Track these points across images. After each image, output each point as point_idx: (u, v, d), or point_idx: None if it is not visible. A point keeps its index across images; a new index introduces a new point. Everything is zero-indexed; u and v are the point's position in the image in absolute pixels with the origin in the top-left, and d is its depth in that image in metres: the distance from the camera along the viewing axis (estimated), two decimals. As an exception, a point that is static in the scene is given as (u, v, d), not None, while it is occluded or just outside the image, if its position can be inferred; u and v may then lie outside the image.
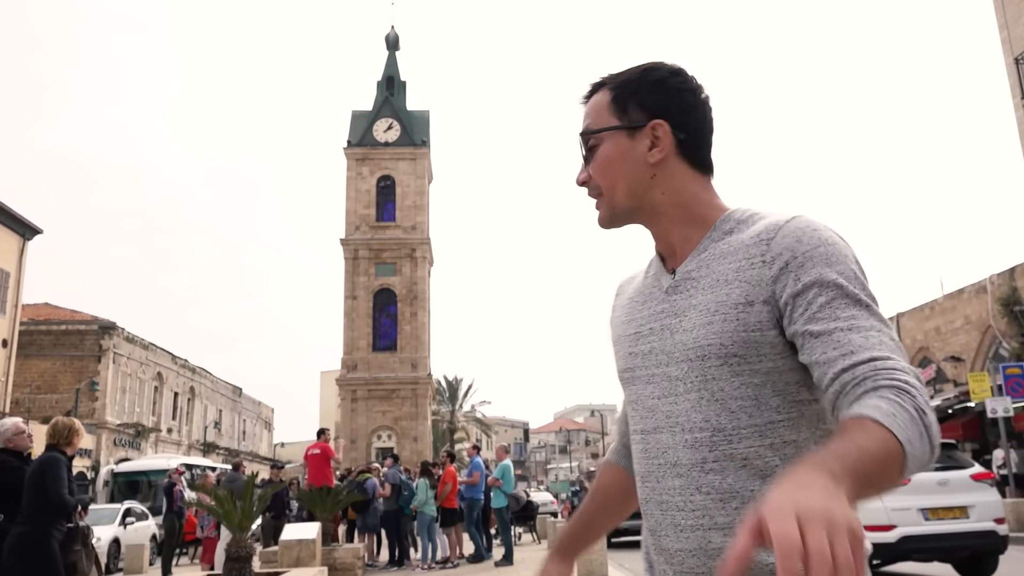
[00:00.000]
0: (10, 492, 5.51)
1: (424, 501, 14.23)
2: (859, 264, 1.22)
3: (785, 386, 1.22)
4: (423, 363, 50.16)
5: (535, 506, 21.91)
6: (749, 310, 1.22)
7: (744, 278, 1.24)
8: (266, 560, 11.88)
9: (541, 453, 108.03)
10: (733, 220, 1.33)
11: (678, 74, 1.38)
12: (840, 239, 1.23)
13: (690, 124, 1.36)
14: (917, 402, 1.03)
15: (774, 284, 1.21)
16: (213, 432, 52.72)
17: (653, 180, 1.36)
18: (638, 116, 1.36)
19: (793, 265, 1.20)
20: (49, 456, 5.41)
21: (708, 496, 1.23)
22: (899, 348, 1.13)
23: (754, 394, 1.22)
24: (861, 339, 1.12)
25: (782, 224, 1.24)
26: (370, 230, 51.32)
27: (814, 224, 1.24)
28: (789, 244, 1.21)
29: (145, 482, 27.68)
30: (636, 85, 1.37)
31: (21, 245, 31.58)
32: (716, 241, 1.31)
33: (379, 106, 53.74)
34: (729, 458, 1.22)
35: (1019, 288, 22.43)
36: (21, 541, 5.20)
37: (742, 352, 1.22)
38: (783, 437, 1.21)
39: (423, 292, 51.07)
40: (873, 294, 1.20)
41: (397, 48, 56.60)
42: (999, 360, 22.43)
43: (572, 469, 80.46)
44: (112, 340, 39.60)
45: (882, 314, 1.19)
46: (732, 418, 1.22)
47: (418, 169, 52.72)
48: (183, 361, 49.08)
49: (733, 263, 1.26)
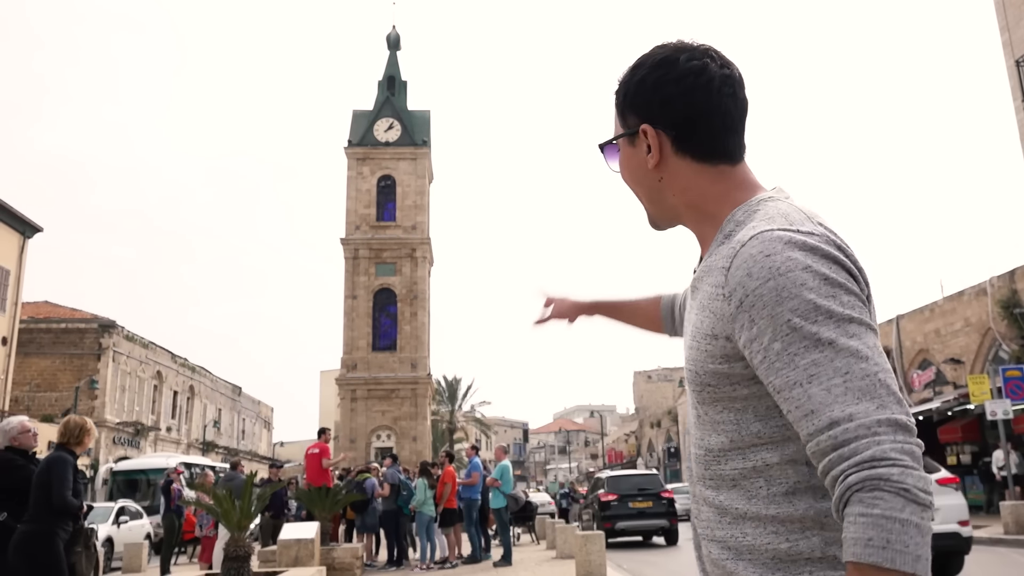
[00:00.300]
0: (14, 491, 5.54)
1: (423, 501, 14.22)
2: (824, 283, 1.09)
3: (766, 410, 1.18)
4: (423, 363, 50.15)
5: (534, 506, 21.84)
6: (714, 343, 1.18)
7: (712, 308, 1.19)
8: (264, 559, 11.87)
9: (540, 453, 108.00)
10: (733, 221, 1.25)
11: (661, 65, 1.28)
12: (798, 260, 1.10)
13: (678, 117, 1.27)
14: (894, 484, 0.99)
15: (733, 323, 1.14)
16: (212, 431, 52.70)
17: (661, 183, 1.31)
18: (634, 121, 1.31)
19: (746, 304, 1.12)
20: (57, 456, 5.42)
21: (710, 509, 1.24)
22: (874, 379, 1.05)
23: (735, 418, 1.20)
24: (822, 393, 1.05)
25: (738, 250, 1.15)
26: (370, 230, 51.31)
27: (769, 247, 1.12)
28: (740, 279, 1.13)
29: (144, 481, 27.68)
30: (627, 87, 1.32)
31: (21, 243, 31.57)
32: (718, 245, 1.25)
33: (380, 106, 53.74)
34: (720, 477, 1.22)
35: (1019, 290, 22.41)
36: (26, 540, 5.23)
37: (713, 382, 1.20)
38: (765, 460, 1.17)
39: (423, 292, 51.06)
40: (845, 312, 1.08)
41: (398, 48, 56.61)
42: (999, 362, 22.41)
43: (571, 470, 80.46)
44: (112, 339, 39.59)
45: (858, 336, 1.08)
46: (718, 440, 1.22)
47: (419, 169, 52.72)
48: (183, 360, 49.07)
49: (710, 286, 1.21)
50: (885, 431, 1.02)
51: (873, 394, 1.04)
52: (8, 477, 5.58)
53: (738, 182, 1.29)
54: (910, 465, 1.00)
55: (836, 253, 1.13)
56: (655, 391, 71.14)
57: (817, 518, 1.14)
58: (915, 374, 27.18)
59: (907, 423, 1.04)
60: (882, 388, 1.05)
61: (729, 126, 1.28)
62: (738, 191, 1.28)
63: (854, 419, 1.03)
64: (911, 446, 1.02)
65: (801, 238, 1.12)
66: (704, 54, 1.28)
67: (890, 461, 1.00)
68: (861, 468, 1.01)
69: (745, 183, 1.29)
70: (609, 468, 63.52)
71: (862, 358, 1.06)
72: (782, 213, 1.19)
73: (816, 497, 1.14)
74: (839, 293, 1.09)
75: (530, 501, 18.17)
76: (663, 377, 71.30)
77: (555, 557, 14.72)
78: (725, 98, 1.27)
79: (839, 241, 1.16)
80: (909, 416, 1.06)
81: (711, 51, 1.30)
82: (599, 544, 11.26)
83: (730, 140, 1.29)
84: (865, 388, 1.05)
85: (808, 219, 1.18)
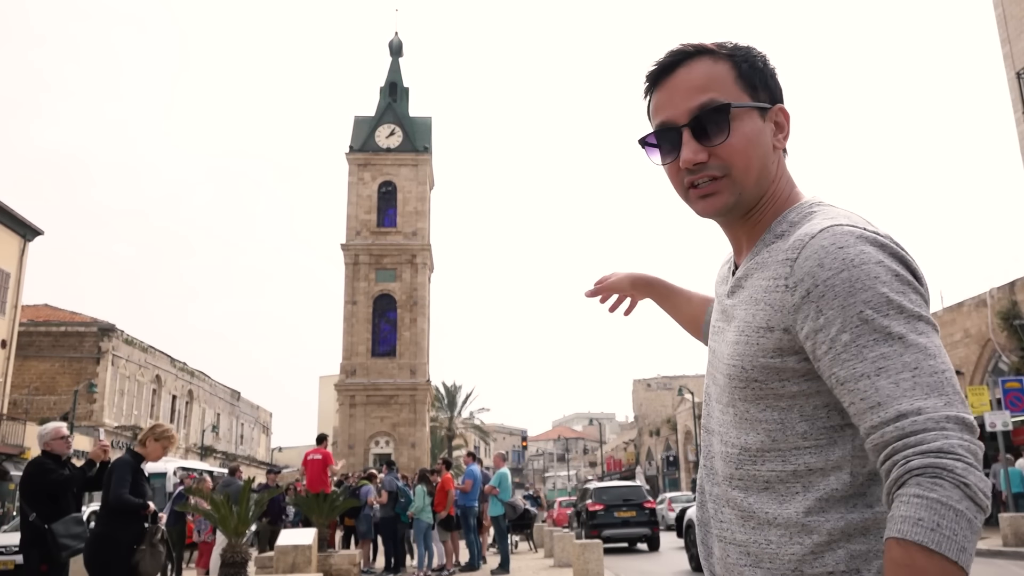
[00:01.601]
0: (47, 494, 5.96)
1: (421, 508, 14.19)
2: (896, 279, 1.09)
3: (813, 410, 1.16)
4: (422, 369, 50.12)
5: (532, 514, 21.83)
6: (769, 335, 1.16)
7: (769, 300, 1.17)
8: (262, 566, 11.84)
9: (539, 461, 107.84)
10: (787, 222, 1.24)
11: (761, 57, 1.31)
12: (871, 254, 1.10)
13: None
14: (956, 476, 0.98)
15: (796, 313, 1.12)
16: (211, 436, 52.64)
17: (777, 168, 1.29)
18: (766, 96, 1.28)
19: (815, 294, 1.10)
20: (118, 459, 5.69)
21: (733, 511, 1.22)
22: (941, 377, 1.05)
23: (780, 418, 1.17)
24: (890, 386, 1.04)
25: (807, 241, 1.14)
26: (371, 235, 51.36)
27: (841, 240, 1.11)
28: (810, 269, 1.11)
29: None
30: (764, 64, 1.30)
31: (22, 246, 31.59)
32: (767, 244, 1.24)
33: (382, 112, 53.86)
34: (752, 479, 1.19)
35: (1019, 302, 22.41)
36: (91, 542, 5.52)
37: (761, 377, 1.17)
38: (808, 464, 1.15)
39: (423, 298, 51.07)
40: (915, 310, 1.08)
41: (400, 54, 56.76)
42: (998, 374, 22.40)
43: (570, 477, 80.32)
44: (111, 342, 39.59)
45: (926, 334, 1.08)
46: (758, 439, 1.19)
47: (419, 175, 52.80)
48: (182, 364, 49.06)
49: (764, 279, 1.19)
50: (953, 427, 1.01)
51: (941, 391, 1.04)
52: (40, 481, 5.97)
53: (792, 182, 1.32)
54: (974, 464, 1.00)
55: (904, 253, 1.13)
56: (654, 399, 71.04)
57: (847, 530, 1.12)
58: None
59: (973, 424, 1.03)
60: (949, 387, 1.04)
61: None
62: (796, 188, 1.31)
63: (923, 413, 1.02)
64: (976, 447, 1.01)
65: (872, 234, 1.13)
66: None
67: (956, 456, 0.99)
68: (927, 455, 0.99)
69: (794, 184, 1.32)
70: (608, 476, 63.71)
71: (931, 355, 1.06)
72: (845, 214, 1.19)
73: (848, 507, 1.13)
74: (908, 291, 1.09)
75: (528, 509, 18.19)
76: (662, 385, 71.22)
77: (553, 566, 14.68)
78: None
79: (902, 245, 1.16)
80: (973, 418, 1.05)
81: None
82: (597, 553, 11.24)
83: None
84: (933, 384, 1.04)
85: (868, 223, 1.18)
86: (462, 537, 14.74)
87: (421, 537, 14.35)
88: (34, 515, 5.88)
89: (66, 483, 6.03)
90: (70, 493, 6.08)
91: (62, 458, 6.19)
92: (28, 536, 5.90)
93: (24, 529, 5.98)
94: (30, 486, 6.01)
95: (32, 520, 5.87)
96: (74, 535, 5.96)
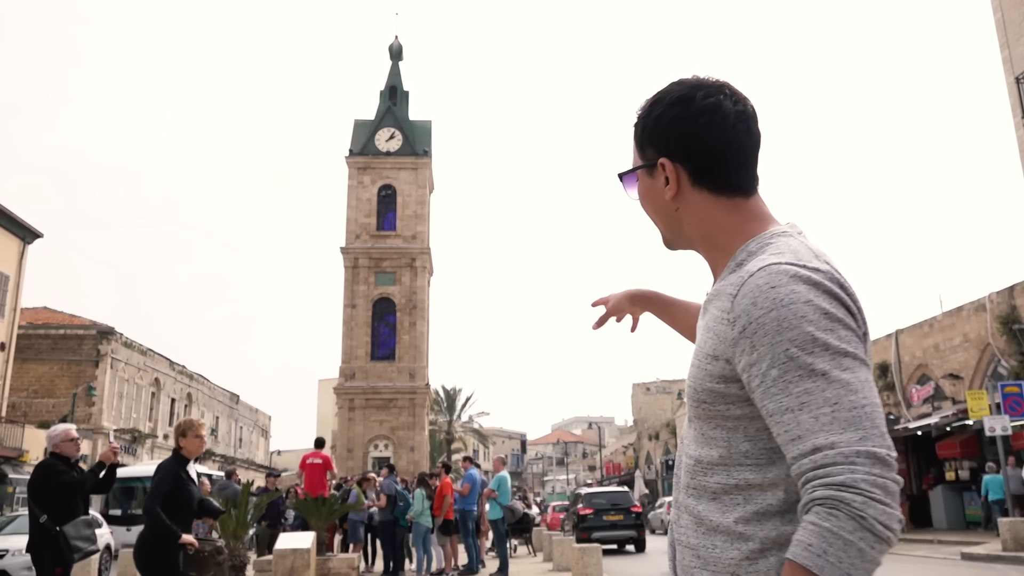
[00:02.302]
0: (56, 495, 5.87)
1: (420, 512, 14.18)
2: (824, 317, 1.15)
3: (756, 432, 1.24)
4: (421, 373, 50.10)
5: (531, 518, 21.88)
6: (715, 363, 1.25)
7: (716, 330, 1.25)
8: (260, 569, 11.83)
9: (538, 465, 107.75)
10: (746, 251, 1.31)
11: (678, 103, 1.34)
12: (800, 293, 1.16)
13: (696, 153, 1.33)
14: (853, 509, 1.06)
15: (735, 347, 1.21)
16: (210, 439, 52.56)
17: (678, 213, 1.38)
18: (651, 154, 1.38)
19: (748, 331, 1.18)
20: (161, 464, 5.50)
21: (689, 517, 1.32)
22: (861, 411, 1.11)
23: (727, 436, 1.27)
24: (810, 420, 1.11)
25: (746, 279, 1.21)
26: (370, 239, 51.36)
27: (775, 279, 1.18)
28: (745, 307, 1.19)
29: (141, 488, 27.52)
30: (645, 121, 1.39)
31: (21, 249, 31.58)
32: (729, 272, 1.31)
33: (381, 115, 53.89)
34: (703, 488, 1.29)
35: (1018, 306, 22.42)
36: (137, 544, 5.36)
37: (709, 400, 1.27)
38: (748, 480, 1.24)
39: (422, 302, 51.06)
40: (840, 346, 1.14)
41: (400, 58, 56.80)
42: (998, 378, 22.39)
43: (569, 481, 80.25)
44: (110, 345, 39.56)
45: (851, 370, 1.13)
46: (709, 454, 1.29)
47: (419, 179, 52.82)
48: (181, 367, 49.03)
49: (716, 309, 1.27)
50: (863, 462, 1.08)
51: (858, 425, 1.10)
52: (49, 482, 5.89)
53: (752, 214, 1.36)
54: (878, 498, 1.06)
55: (837, 290, 1.19)
56: (653, 403, 70.99)
57: (779, 540, 1.20)
58: (914, 389, 27.15)
59: (886, 457, 1.09)
60: (867, 421, 1.11)
61: (743, 161, 1.35)
62: (752, 223, 1.35)
63: (835, 447, 1.09)
64: (885, 480, 1.08)
65: (806, 273, 1.18)
66: (719, 91, 1.35)
67: (857, 490, 1.06)
68: (829, 488, 1.08)
69: (759, 215, 1.36)
70: (607, 480, 63.81)
71: (852, 391, 1.12)
72: (792, 249, 1.25)
73: (783, 521, 1.21)
74: (837, 328, 1.15)
75: (527, 512, 18.21)
76: (662, 389, 71.19)
77: (552, 570, 14.67)
78: (740, 134, 1.34)
79: (842, 279, 1.22)
80: (891, 451, 1.11)
81: (726, 87, 1.36)
82: (596, 557, 11.24)
83: (744, 174, 1.36)
84: (851, 419, 1.10)
85: (816, 256, 1.24)
86: (461, 541, 14.73)
87: (420, 541, 14.34)
88: (45, 517, 5.77)
89: (76, 485, 5.95)
90: (79, 495, 6.01)
91: (71, 460, 6.11)
92: (39, 539, 5.80)
93: (34, 531, 5.86)
94: (39, 488, 5.91)
95: (43, 522, 5.77)
96: (85, 537, 5.89)
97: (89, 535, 5.94)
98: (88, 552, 5.89)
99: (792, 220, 1.39)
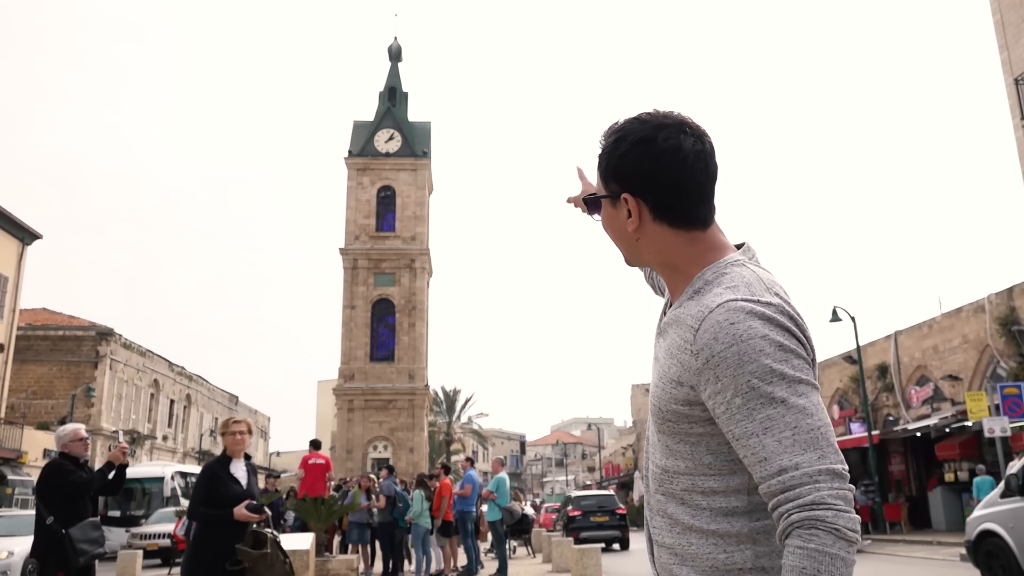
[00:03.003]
0: (64, 496, 5.80)
1: (419, 513, 14.17)
2: (779, 349, 1.28)
3: (718, 446, 1.36)
4: (420, 374, 50.09)
5: (530, 519, 21.91)
6: (679, 388, 1.36)
7: (679, 359, 1.36)
8: (259, 570, 11.79)
9: (537, 466, 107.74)
10: (703, 279, 1.41)
11: (640, 143, 1.42)
12: (757, 329, 1.28)
13: (655, 189, 1.41)
14: (827, 524, 1.20)
15: (699, 376, 1.32)
16: (209, 440, 52.57)
17: (639, 243, 1.48)
18: (615, 188, 1.46)
19: (711, 363, 1.30)
20: (204, 465, 5.46)
21: (662, 519, 1.44)
22: (817, 433, 1.25)
23: (691, 450, 1.39)
24: (774, 443, 1.25)
25: (706, 315, 1.33)
26: (370, 240, 51.36)
27: (733, 316, 1.30)
28: (707, 341, 1.30)
29: (139, 490, 27.54)
30: (609, 158, 1.46)
31: (20, 250, 31.58)
32: (687, 299, 1.42)
33: (381, 116, 53.90)
34: (671, 494, 1.42)
35: (1017, 308, 22.43)
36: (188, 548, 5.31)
37: (673, 419, 1.39)
38: (711, 488, 1.37)
39: (422, 303, 51.06)
40: (795, 375, 1.27)
41: (399, 59, 56.81)
42: (997, 379, 22.41)
43: (568, 482, 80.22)
44: (109, 346, 39.55)
45: (806, 395, 1.27)
46: (674, 464, 1.41)
47: (418, 180, 52.83)
48: (180, 368, 49.01)
49: (677, 337, 1.38)
50: (825, 479, 1.23)
51: (816, 446, 1.25)
52: (57, 482, 5.82)
53: (709, 245, 1.45)
54: (843, 509, 1.22)
55: (788, 323, 1.31)
56: (653, 404, 70.84)
57: (751, 535, 1.34)
58: (913, 390, 27.17)
59: (843, 472, 1.25)
60: (824, 441, 1.26)
61: (702, 197, 1.44)
62: (709, 252, 1.45)
63: (799, 468, 1.23)
64: (845, 491, 1.24)
65: (760, 309, 1.31)
66: (679, 130, 1.42)
67: (827, 505, 1.21)
68: (802, 509, 1.22)
69: (715, 245, 1.46)
70: (606, 482, 63.95)
71: (809, 415, 1.27)
72: (746, 282, 1.37)
73: (751, 519, 1.35)
74: (791, 358, 1.29)
75: (526, 514, 18.24)
76: (661, 390, 70.99)
77: (551, 571, 14.67)
78: (698, 172, 1.42)
79: (791, 311, 1.34)
80: (845, 466, 1.26)
81: (686, 126, 1.44)
82: (595, 558, 11.24)
83: (702, 208, 1.45)
84: (810, 441, 1.25)
85: (767, 289, 1.36)
86: (460, 542, 14.72)
87: (419, 542, 14.33)
88: (51, 519, 5.68)
89: (85, 486, 5.88)
90: (87, 496, 5.93)
91: (80, 460, 6.03)
92: (44, 541, 5.71)
93: (39, 533, 5.77)
94: (47, 488, 5.82)
95: (49, 524, 5.68)
96: (91, 540, 5.79)
97: (96, 537, 5.84)
98: (94, 555, 5.79)
99: (747, 242, 1.50)
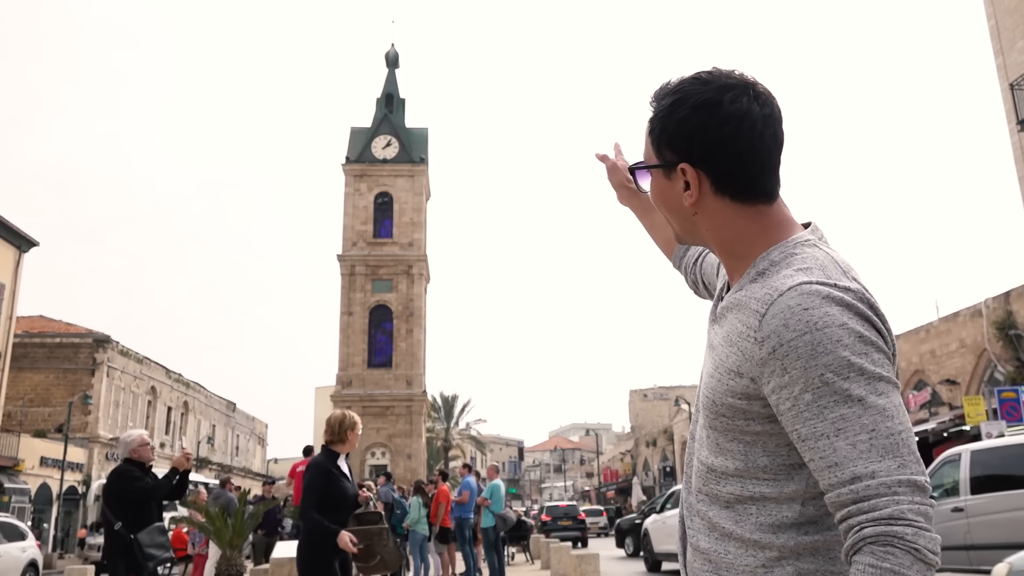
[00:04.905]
0: (131, 502, 5.81)
1: (416, 520, 14.13)
2: (859, 340, 1.12)
3: (775, 448, 1.21)
4: (418, 380, 50.03)
5: (528, 525, 21.90)
6: (738, 379, 1.21)
7: (740, 347, 1.21)
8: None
9: (536, 472, 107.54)
10: (768, 260, 1.25)
11: (704, 107, 1.25)
12: (835, 316, 1.13)
13: (719, 159, 1.25)
14: (906, 542, 1.05)
15: (763, 367, 1.16)
16: (206, 447, 52.42)
17: (696, 218, 1.32)
18: (670, 156, 1.30)
19: (779, 353, 1.14)
20: (312, 463, 5.30)
21: (701, 521, 1.30)
22: (897, 438, 1.09)
23: (744, 450, 1.24)
24: (847, 447, 1.09)
25: (775, 298, 1.17)
26: (367, 246, 51.35)
27: (807, 301, 1.14)
28: (776, 328, 1.15)
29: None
30: (664, 123, 1.30)
31: (17, 257, 31.52)
32: (749, 281, 1.26)
33: (378, 123, 53.93)
34: (715, 496, 1.27)
35: (1014, 312, 22.46)
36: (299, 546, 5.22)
37: (729, 414, 1.24)
38: (763, 493, 1.22)
39: (419, 309, 51.03)
40: (875, 371, 1.12)
41: (397, 66, 56.89)
42: (994, 384, 22.41)
43: (567, 488, 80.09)
44: (106, 354, 39.45)
45: (886, 394, 1.12)
46: (724, 464, 1.26)
47: (416, 186, 52.84)
48: (177, 375, 48.90)
49: (738, 323, 1.23)
50: (904, 491, 1.07)
51: (896, 453, 1.09)
52: (124, 488, 5.84)
53: (775, 221, 1.29)
54: (924, 527, 1.06)
55: (869, 312, 1.16)
56: (651, 410, 70.91)
57: (796, 550, 1.19)
58: (910, 395, 27.17)
59: (925, 484, 1.09)
60: (904, 448, 1.09)
61: (769, 167, 1.28)
62: (774, 230, 1.29)
63: (876, 476, 1.08)
64: (926, 507, 1.07)
65: (839, 294, 1.15)
66: (745, 92, 1.26)
67: (906, 521, 1.05)
68: (878, 523, 1.06)
69: (782, 222, 1.30)
70: (604, 487, 63.99)
71: (888, 416, 1.10)
72: (819, 264, 1.21)
73: (799, 532, 1.20)
74: (871, 351, 1.13)
75: (524, 520, 18.23)
76: (659, 396, 71.10)
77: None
78: (766, 140, 1.26)
79: (871, 299, 1.18)
80: (927, 477, 1.10)
81: (752, 88, 1.28)
82: (594, 564, 11.19)
83: (768, 180, 1.29)
84: (889, 447, 1.09)
85: (844, 273, 1.20)
86: (458, 548, 14.68)
87: (417, 549, 14.29)
88: (119, 524, 5.71)
89: (152, 491, 5.92)
90: (153, 502, 5.96)
91: (146, 465, 6.05)
92: (114, 546, 5.73)
93: (109, 539, 5.83)
94: (115, 494, 5.85)
95: (118, 529, 5.70)
96: (159, 544, 5.83)
97: (163, 542, 5.87)
98: (162, 559, 5.82)
99: (812, 221, 1.34)
